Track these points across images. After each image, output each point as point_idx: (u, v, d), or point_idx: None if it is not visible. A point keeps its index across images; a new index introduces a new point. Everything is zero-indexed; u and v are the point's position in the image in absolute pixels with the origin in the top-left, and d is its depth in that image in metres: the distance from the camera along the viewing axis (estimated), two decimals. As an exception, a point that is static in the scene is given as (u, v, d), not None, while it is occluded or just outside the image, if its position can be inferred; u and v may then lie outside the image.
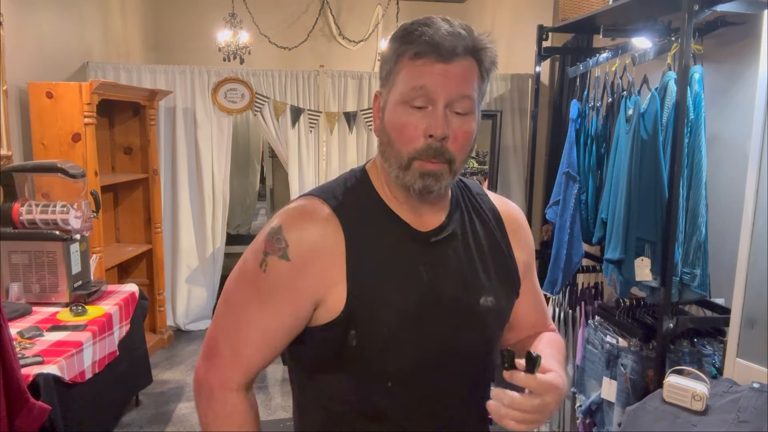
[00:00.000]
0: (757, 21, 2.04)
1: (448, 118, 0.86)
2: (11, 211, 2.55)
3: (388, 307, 0.90)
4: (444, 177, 0.89)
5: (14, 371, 1.66)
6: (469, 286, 0.96)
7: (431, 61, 0.85)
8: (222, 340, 0.95)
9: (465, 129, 0.88)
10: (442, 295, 0.93)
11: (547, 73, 3.91)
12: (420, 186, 0.89)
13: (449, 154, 0.88)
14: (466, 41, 0.86)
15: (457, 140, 0.88)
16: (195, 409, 3.09)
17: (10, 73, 2.97)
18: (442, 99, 0.86)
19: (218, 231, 4.28)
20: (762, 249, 1.82)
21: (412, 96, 0.86)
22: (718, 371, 2.00)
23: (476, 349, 0.98)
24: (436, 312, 0.93)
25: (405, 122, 0.87)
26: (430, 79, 0.85)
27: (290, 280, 0.89)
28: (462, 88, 0.86)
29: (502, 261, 1.01)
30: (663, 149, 2.05)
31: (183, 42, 5.32)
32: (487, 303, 0.96)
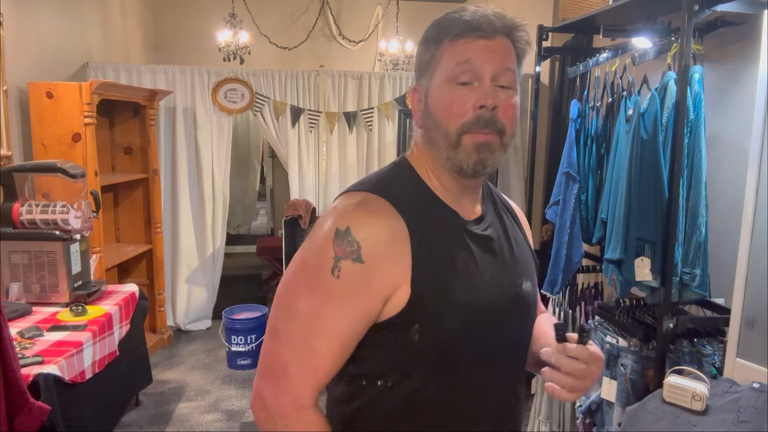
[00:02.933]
0: (757, 21, 2.04)
1: (496, 90, 0.88)
2: (11, 211, 2.55)
3: (450, 299, 0.88)
4: (498, 149, 0.89)
5: (14, 371, 1.66)
6: (513, 273, 0.99)
7: (474, 38, 0.87)
8: (291, 357, 0.86)
9: (512, 101, 0.90)
10: (498, 285, 0.95)
11: (547, 73, 3.91)
12: (475, 160, 0.88)
13: (500, 123, 0.88)
14: (502, 20, 0.89)
15: (507, 111, 0.89)
16: (195, 409, 3.11)
17: (10, 73, 2.97)
18: (488, 72, 0.87)
19: (218, 231, 4.28)
20: (762, 249, 1.82)
21: (457, 72, 0.87)
22: (718, 371, 2.00)
23: (524, 332, 1.01)
24: (497, 302, 0.94)
25: (452, 99, 0.88)
26: (474, 53, 0.87)
27: (366, 282, 0.84)
28: (506, 62, 0.88)
29: (526, 248, 1.06)
30: (663, 149, 2.05)
31: (183, 42, 5.32)
32: (528, 287, 1.00)
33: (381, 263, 0.85)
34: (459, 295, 0.89)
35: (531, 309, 1.01)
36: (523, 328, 1.01)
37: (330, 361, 0.87)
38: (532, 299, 1.01)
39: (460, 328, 0.89)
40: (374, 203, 0.88)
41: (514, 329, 0.98)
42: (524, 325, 1.01)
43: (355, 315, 0.85)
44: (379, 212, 0.87)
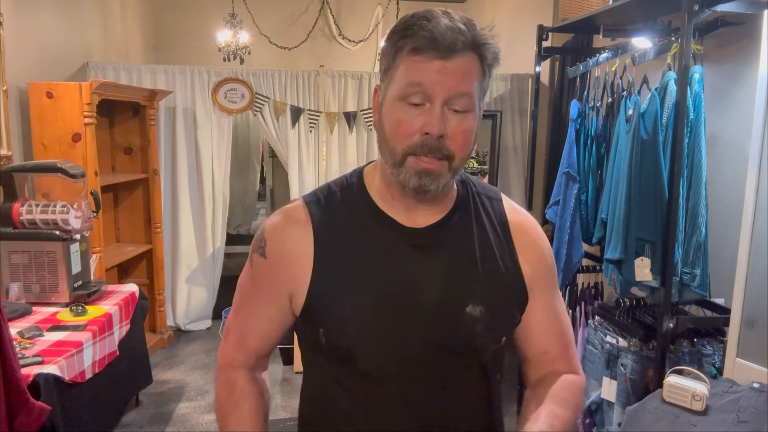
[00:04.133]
0: (757, 21, 2.04)
1: (445, 116, 0.84)
2: (11, 211, 2.55)
3: (354, 305, 0.91)
4: (442, 175, 0.87)
5: (14, 371, 1.66)
6: (455, 292, 0.92)
7: (429, 58, 0.83)
8: (230, 326, 1.04)
9: (463, 127, 0.85)
10: (420, 297, 0.91)
11: (547, 73, 3.91)
12: (416, 184, 0.87)
13: (447, 150, 0.85)
14: (465, 36, 0.83)
15: (455, 138, 0.85)
16: (195, 409, 3.11)
17: (10, 73, 2.97)
18: (439, 97, 0.83)
19: (218, 231, 4.27)
20: (762, 249, 1.82)
21: (408, 92, 0.84)
22: (718, 371, 2.00)
23: (462, 359, 0.93)
24: (411, 314, 0.90)
25: (401, 119, 0.86)
26: (427, 75, 0.83)
27: (270, 275, 0.97)
28: (460, 86, 0.84)
29: (503, 272, 0.95)
30: (663, 149, 2.05)
31: (183, 42, 5.32)
32: (475, 312, 0.91)
33: (280, 263, 0.95)
34: (363, 302, 0.90)
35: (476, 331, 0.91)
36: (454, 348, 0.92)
37: (253, 333, 1.01)
38: (479, 326, 0.91)
39: (369, 333, 0.90)
40: (294, 211, 0.97)
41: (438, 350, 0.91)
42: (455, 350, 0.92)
43: (265, 300, 0.98)
44: (289, 219, 0.96)
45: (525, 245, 0.98)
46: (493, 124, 4.04)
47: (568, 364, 1.02)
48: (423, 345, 0.91)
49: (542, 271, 0.99)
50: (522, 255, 0.97)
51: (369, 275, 0.92)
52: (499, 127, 4.05)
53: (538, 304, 0.99)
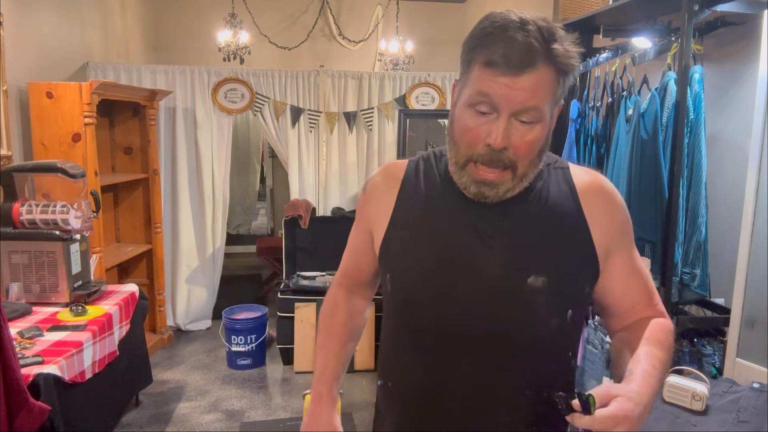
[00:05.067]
0: (757, 21, 2.04)
1: (511, 127, 0.86)
2: (11, 211, 2.55)
3: (416, 259, 0.97)
4: (504, 183, 0.90)
5: (14, 371, 1.66)
6: (519, 262, 0.93)
7: (499, 73, 0.84)
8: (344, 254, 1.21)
9: (529, 138, 0.88)
10: (481, 264, 0.93)
11: (547, 73, 3.90)
12: (474, 191, 0.92)
13: (509, 160, 0.88)
14: (538, 52, 0.84)
15: (519, 149, 0.88)
16: (195, 409, 3.11)
17: (10, 73, 2.97)
18: (506, 110, 0.86)
19: (218, 231, 4.27)
20: (762, 249, 1.82)
21: (477, 101, 0.87)
22: (718, 371, 2.00)
23: (520, 331, 0.93)
24: (469, 280, 0.93)
25: (469, 126, 0.89)
26: (496, 89, 0.85)
27: (362, 207, 1.11)
28: (528, 101, 0.85)
29: (571, 238, 0.95)
30: (663, 149, 2.05)
31: (183, 42, 5.32)
32: (537, 283, 0.92)
33: (370, 199, 1.08)
34: (423, 259, 0.97)
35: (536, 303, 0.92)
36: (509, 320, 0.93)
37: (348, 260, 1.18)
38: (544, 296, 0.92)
39: (423, 291, 0.96)
40: (395, 164, 1.08)
41: (495, 319, 0.93)
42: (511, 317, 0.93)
43: (357, 231, 1.13)
44: (389, 168, 1.08)
45: (594, 209, 0.97)
46: (493, 124, 4.03)
47: (655, 311, 1.03)
48: (478, 311, 0.93)
49: (616, 230, 0.99)
50: (592, 219, 0.97)
51: (436, 235, 0.97)
52: (499, 127, 4.04)
53: (619, 262, 0.99)
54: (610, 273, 0.99)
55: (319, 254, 4.01)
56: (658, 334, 0.97)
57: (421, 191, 1.01)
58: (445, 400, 0.96)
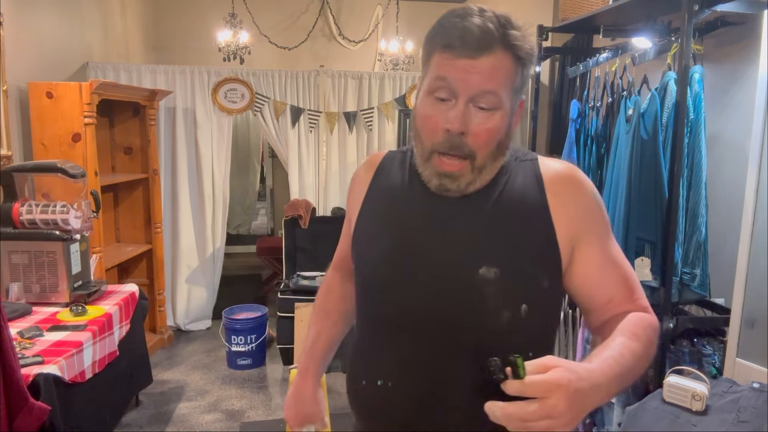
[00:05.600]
0: (757, 21, 2.04)
1: (470, 113, 0.86)
2: (11, 211, 2.55)
3: (372, 249, 1.00)
4: (465, 176, 0.90)
5: (14, 371, 1.66)
6: (471, 253, 0.92)
7: (457, 55, 0.85)
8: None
9: (488, 126, 0.87)
10: (435, 254, 0.93)
11: (547, 73, 3.90)
12: (436, 184, 0.92)
13: (468, 148, 0.88)
14: (495, 35, 0.85)
15: (478, 136, 0.87)
16: (195, 409, 3.11)
17: (10, 73, 2.97)
18: (463, 94, 0.86)
19: (218, 231, 4.27)
20: (762, 249, 1.82)
21: (435, 87, 0.88)
22: (718, 371, 2.00)
23: (471, 322, 0.92)
24: (422, 269, 0.94)
25: (429, 114, 0.90)
26: (453, 72, 0.86)
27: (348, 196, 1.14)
28: (486, 84, 0.85)
29: (530, 230, 0.93)
30: (663, 149, 2.05)
31: (183, 42, 5.32)
32: (489, 274, 0.90)
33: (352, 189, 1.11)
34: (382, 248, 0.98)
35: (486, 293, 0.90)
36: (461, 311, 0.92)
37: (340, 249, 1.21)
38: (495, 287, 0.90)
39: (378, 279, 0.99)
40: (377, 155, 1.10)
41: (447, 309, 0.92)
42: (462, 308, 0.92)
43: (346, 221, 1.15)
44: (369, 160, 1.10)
45: (560, 197, 0.94)
46: (493, 124, 4.04)
47: (636, 305, 0.96)
48: (431, 301, 0.93)
49: (584, 218, 0.95)
50: (557, 208, 0.93)
51: (395, 226, 0.99)
52: (499, 127, 4.04)
53: (589, 252, 0.95)
54: (580, 265, 0.95)
55: (319, 254, 4.01)
56: (633, 327, 0.90)
57: (389, 182, 1.03)
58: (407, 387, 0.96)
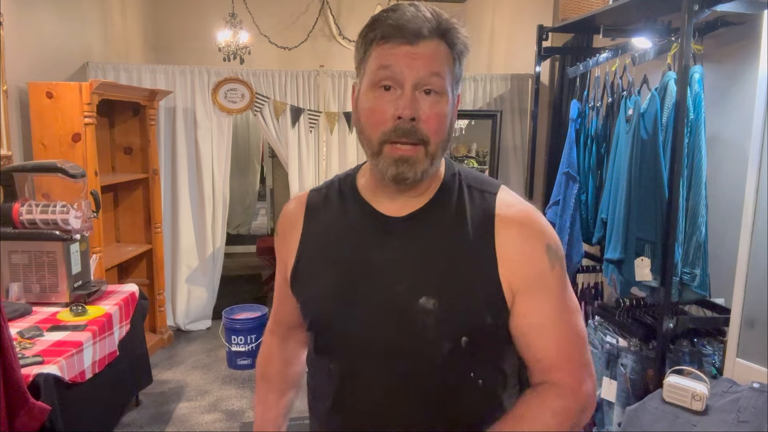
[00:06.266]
0: (757, 21, 2.04)
1: (417, 100, 0.85)
2: (11, 211, 2.55)
3: (316, 286, 0.97)
4: (420, 162, 0.87)
5: (14, 371, 1.66)
6: (413, 282, 0.90)
7: (397, 44, 0.85)
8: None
9: (436, 110, 0.86)
10: (376, 284, 0.92)
11: (547, 73, 3.91)
12: (393, 172, 0.87)
13: (421, 133, 0.85)
14: (431, 23, 0.85)
15: (429, 121, 0.85)
16: (195, 409, 3.11)
17: (10, 73, 2.97)
18: (409, 80, 0.85)
19: (218, 231, 4.27)
20: (762, 249, 1.82)
21: (379, 77, 0.86)
22: (718, 371, 2.00)
23: (409, 349, 0.91)
24: (365, 300, 0.92)
25: (374, 106, 0.87)
26: (395, 59, 0.85)
27: (278, 249, 1.08)
28: (429, 67, 0.85)
29: (471, 267, 0.90)
30: (663, 149, 2.05)
31: (183, 42, 5.32)
32: (428, 304, 0.88)
33: (281, 237, 1.06)
34: (325, 282, 0.96)
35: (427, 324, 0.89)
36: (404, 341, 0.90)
37: (277, 305, 1.15)
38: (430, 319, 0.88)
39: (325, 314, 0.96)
40: (298, 197, 1.07)
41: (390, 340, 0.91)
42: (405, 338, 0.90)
43: (279, 276, 1.10)
44: (293, 204, 1.06)
45: (508, 243, 0.90)
46: (493, 124, 4.04)
47: (568, 374, 0.92)
48: (375, 333, 0.91)
49: (529, 271, 0.90)
50: (502, 252, 0.90)
51: (336, 259, 0.96)
52: (499, 127, 4.05)
53: (526, 306, 0.91)
54: (516, 319, 0.91)
55: (319, 254, 4.01)
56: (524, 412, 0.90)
57: (324, 216, 1.00)
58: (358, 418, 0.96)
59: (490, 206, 0.93)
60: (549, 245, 0.92)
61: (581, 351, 0.94)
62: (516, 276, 0.90)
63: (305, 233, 1.01)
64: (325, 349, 0.98)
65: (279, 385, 1.15)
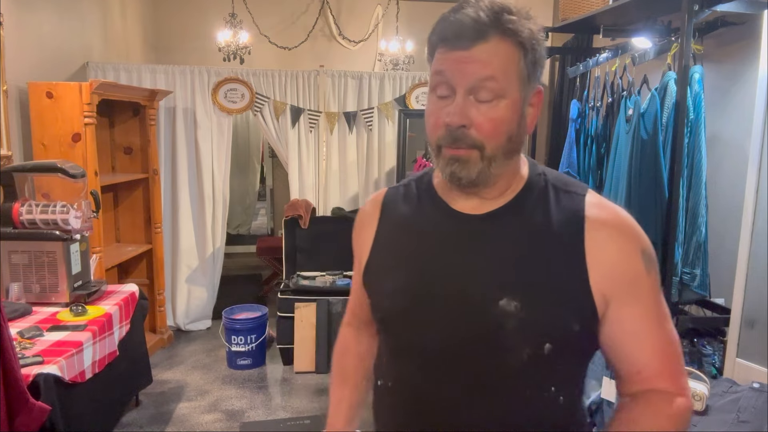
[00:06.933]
0: (757, 21, 2.04)
1: (469, 106, 0.84)
2: (11, 211, 2.55)
3: (388, 282, 0.96)
4: (474, 163, 0.85)
5: (14, 371, 1.66)
6: (491, 282, 0.87)
7: (450, 48, 0.84)
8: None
9: (491, 116, 0.83)
10: (451, 283, 0.89)
11: (547, 73, 3.91)
12: (448, 172, 0.87)
13: (473, 139, 0.84)
14: (486, 24, 0.82)
15: (482, 127, 0.84)
16: (195, 409, 3.11)
17: (10, 73, 2.97)
18: (460, 87, 0.84)
19: (218, 231, 4.27)
20: (762, 249, 1.82)
21: (434, 83, 0.87)
22: (718, 371, 2.00)
23: (485, 353, 0.87)
24: (438, 300, 0.90)
25: (431, 111, 0.88)
26: (447, 65, 0.84)
27: (353, 242, 1.09)
28: (482, 72, 0.82)
29: (558, 271, 0.86)
30: (663, 149, 2.05)
31: (183, 42, 5.32)
32: (510, 307, 0.84)
33: (357, 232, 1.08)
34: (399, 283, 0.94)
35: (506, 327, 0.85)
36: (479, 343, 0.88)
37: (352, 297, 1.16)
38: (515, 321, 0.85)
39: (397, 311, 0.95)
40: (376, 194, 1.08)
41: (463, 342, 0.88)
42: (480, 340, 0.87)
43: (354, 269, 1.10)
44: (371, 201, 1.07)
45: (599, 246, 0.85)
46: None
47: (673, 384, 0.87)
48: (447, 333, 0.88)
49: (624, 279, 0.85)
50: (594, 256, 0.85)
51: (410, 255, 0.95)
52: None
53: (622, 316, 0.86)
54: (610, 326, 0.86)
55: (319, 254, 4.01)
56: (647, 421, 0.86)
57: (400, 212, 1.00)
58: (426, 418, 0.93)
59: (579, 208, 0.88)
60: (644, 249, 0.87)
61: (679, 358, 0.90)
62: (610, 281, 0.85)
63: (380, 229, 1.02)
64: (396, 346, 0.97)
65: (354, 380, 1.15)
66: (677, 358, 0.89)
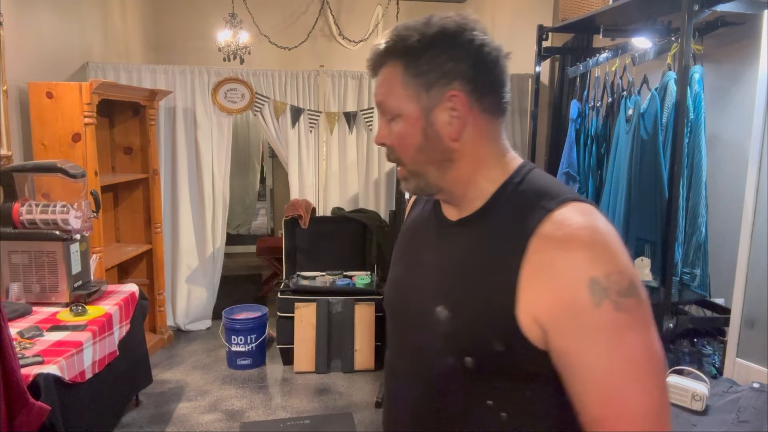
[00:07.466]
0: (757, 21, 2.04)
1: (385, 126, 0.91)
2: (11, 211, 2.55)
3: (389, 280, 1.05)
4: (409, 179, 0.93)
5: (14, 371, 1.66)
6: (436, 288, 0.90)
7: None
8: None
9: (396, 133, 0.89)
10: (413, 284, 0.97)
11: (547, 73, 3.91)
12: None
13: (396, 157, 0.92)
14: (381, 51, 0.88)
15: (394, 145, 0.91)
16: (195, 409, 3.11)
17: (10, 73, 2.97)
18: (379, 110, 0.92)
19: (218, 231, 4.27)
20: (762, 249, 1.82)
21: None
22: (718, 371, 2.00)
23: (428, 355, 0.89)
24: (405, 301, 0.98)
25: None
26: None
27: None
28: (378, 97, 0.90)
29: (489, 285, 0.81)
30: (663, 149, 2.05)
31: (183, 42, 5.32)
32: (441, 314, 0.85)
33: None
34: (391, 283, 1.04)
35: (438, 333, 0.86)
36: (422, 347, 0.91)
37: None
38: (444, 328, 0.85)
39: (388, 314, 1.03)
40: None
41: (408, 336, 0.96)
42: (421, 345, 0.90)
43: None
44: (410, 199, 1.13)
45: (535, 269, 0.77)
46: (493, 124, 4.03)
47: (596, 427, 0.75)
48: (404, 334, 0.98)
49: (559, 307, 0.75)
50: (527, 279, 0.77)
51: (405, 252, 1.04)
52: (499, 127, 4.04)
53: (566, 346, 0.76)
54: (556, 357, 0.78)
55: (319, 254, 4.01)
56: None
57: (416, 212, 1.07)
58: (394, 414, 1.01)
59: (533, 224, 0.79)
60: (595, 278, 0.73)
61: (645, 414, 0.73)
62: (546, 309, 0.76)
63: (403, 226, 1.11)
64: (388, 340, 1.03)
65: None
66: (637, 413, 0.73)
